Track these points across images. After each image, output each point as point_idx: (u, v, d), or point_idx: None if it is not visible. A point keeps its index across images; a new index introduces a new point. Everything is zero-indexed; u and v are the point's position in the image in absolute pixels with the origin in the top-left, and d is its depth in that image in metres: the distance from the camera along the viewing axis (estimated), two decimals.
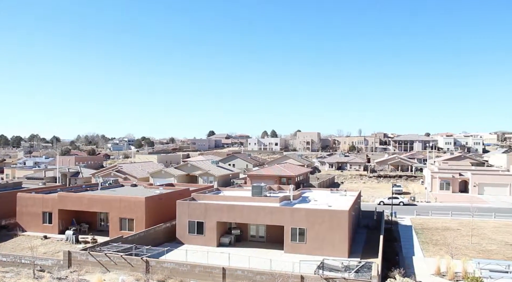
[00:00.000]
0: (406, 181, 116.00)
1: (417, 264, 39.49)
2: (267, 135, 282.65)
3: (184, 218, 44.97)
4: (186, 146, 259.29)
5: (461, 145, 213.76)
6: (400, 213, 65.17)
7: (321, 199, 51.25)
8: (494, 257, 41.57)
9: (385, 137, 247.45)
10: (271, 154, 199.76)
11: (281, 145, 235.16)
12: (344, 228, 39.95)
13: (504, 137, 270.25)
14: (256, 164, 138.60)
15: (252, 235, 46.75)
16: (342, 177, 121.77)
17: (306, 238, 40.90)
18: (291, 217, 41.60)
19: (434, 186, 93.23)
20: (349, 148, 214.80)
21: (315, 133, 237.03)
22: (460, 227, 55.60)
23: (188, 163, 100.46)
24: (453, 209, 67.62)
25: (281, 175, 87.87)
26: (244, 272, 32.21)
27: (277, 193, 54.28)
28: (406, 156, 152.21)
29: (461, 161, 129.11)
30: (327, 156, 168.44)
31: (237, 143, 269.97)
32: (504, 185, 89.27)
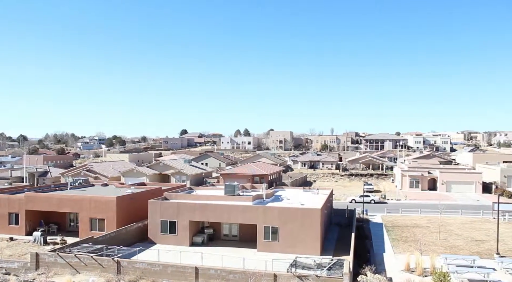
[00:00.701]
0: (377, 179, 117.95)
1: (387, 260, 40.20)
2: (240, 134, 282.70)
3: (156, 218, 44.48)
4: (158, 145, 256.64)
5: (430, 144, 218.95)
6: (371, 211, 66.20)
7: (294, 197, 51.54)
8: (461, 252, 42.74)
9: (356, 136, 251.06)
10: (244, 153, 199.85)
11: (254, 144, 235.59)
12: (316, 226, 40.29)
13: (470, 136, 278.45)
14: (229, 163, 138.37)
15: (225, 234, 46.65)
16: (315, 176, 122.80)
17: (279, 236, 41.06)
18: (264, 215, 41.69)
19: (404, 184, 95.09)
20: (321, 147, 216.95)
21: (288, 132, 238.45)
22: (429, 224, 56.90)
23: (160, 162, 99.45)
24: (422, 207, 69.10)
25: (254, 174, 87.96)
26: (217, 271, 32.10)
27: (250, 192, 54.30)
28: (377, 155, 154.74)
29: (430, 160, 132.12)
30: (299, 155, 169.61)
31: (210, 142, 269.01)
32: (470, 182, 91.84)
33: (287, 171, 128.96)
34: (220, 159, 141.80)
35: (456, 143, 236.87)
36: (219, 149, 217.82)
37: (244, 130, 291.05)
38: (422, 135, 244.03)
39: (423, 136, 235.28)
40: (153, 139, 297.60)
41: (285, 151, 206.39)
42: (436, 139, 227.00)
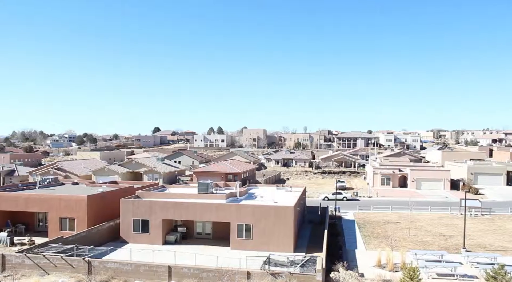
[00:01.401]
0: (349, 177, 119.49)
1: (359, 257, 40.82)
2: (213, 131, 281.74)
3: (128, 216, 43.89)
4: (131, 142, 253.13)
5: (401, 142, 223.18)
6: (344, 208, 67.05)
7: (267, 195, 51.71)
8: (430, 247, 43.82)
9: (329, 134, 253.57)
10: (218, 151, 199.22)
11: (228, 141, 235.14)
12: (289, 223, 40.54)
13: (439, 134, 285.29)
14: (202, 161, 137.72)
15: (199, 232, 46.45)
16: (288, 174, 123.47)
17: (252, 234, 41.14)
18: (237, 213, 41.69)
19: (375, 181, 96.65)
20: (294, 144, 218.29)
21: (261, 130, 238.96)
22: (400, 220, 58.05)
23: (132, 160, 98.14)
24: (393, 203, 70.42)
25: (227, 172, 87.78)
26: (191, 269, 31.95)
27: (223, 190, 54.19)
28: (350, 153, 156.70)
29: (400, 157, 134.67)
30: (273, 152, 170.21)
31: (183, 140, 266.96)
32: (439, 179, 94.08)
33: (260, 169, 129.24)
34: (194, 157, 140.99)
35: (426, 141, 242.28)
36: (192, 147, 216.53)
37: (217, 128, 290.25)
38: (393, 133, 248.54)
39: (394, 134, 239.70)
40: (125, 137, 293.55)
41: (259, 149, 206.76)
42: (406, 137, 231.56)
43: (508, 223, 57.12)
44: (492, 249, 43.51)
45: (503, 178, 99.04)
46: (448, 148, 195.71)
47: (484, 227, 54.74)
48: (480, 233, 51.23)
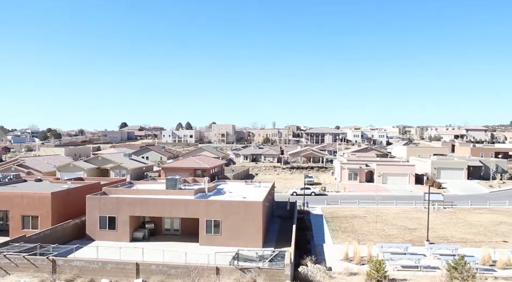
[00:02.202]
0: (317, 172, 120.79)
1: (327, 250, 41.41)
2: (182, 127, 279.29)
3: (94, 213, 43.05)
4: (97, 138, 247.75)
5: (368, 137, 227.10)
6: (312, 203, 67.81)
7: (236, 191, 51.73)
8: (395, 240, 44.89)
9: (298, 130, 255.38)
10: (186, 147, 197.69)
11: (196, 137, 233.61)
12: (258, 219, 40.69)
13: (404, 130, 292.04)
14: (170, 157, 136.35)
15: (167, 228, 46.03)
16: (257, 169, 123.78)
17: (221, 229, 41.09)
18: (206, 209, 41.54)
19: (343, 176, 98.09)
20: (263, 140, 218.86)
21: (230, 125, 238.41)
22: (366, 214, 59.18)
23: (99, 156, 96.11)
24: (360, 198, 71.71)
25: (196, 168, 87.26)
26: (159, 266, 31.65)
27: (192, 185, 53.89)
28: (318, 148, 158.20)
29: (367, 153, 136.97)
30: (242, 148, 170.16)
31: (151, 135, 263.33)
32: (404, 174, 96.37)
33: (229, 164, 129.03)
34: (162, 153, 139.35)
35: (392, 137, 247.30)
36: (160, 142, 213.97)
37: (186, 123, 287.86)
38: (361, 129, 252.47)
39: (361, 130, 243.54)
40: (91, 132, 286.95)
41: (227, 145, 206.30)
42: (373, 133, 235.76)
43: (468, 216, 59.14)
44: (453, 241, 45.00)
45: (464, 173, 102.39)
46: (413, 143, 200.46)
47: (446, 220, 56.49)
48: (443, 225, 52.85)
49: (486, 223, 54.41)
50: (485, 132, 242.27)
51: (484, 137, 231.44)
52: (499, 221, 55.79)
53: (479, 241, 45.27)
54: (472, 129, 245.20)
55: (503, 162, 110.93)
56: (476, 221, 55.62)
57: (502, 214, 60.69)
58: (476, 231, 50.00)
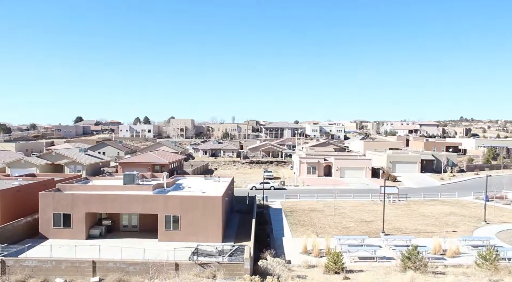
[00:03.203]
0: (276, 166, 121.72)
1: (286, 244, 41.84)
2: (139, 121, 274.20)
3: (48, 211, 41.60)
4: (50, 133, 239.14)
5: (326, 132, 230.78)
6: (271, 197, 68.29)
7: (195, 186, 51.38)
8: (352, 233, 45.94)
9: (257, 125, 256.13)
10: (144, 141, 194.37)
11: (155, 132, 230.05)
12: (217, 213, 40.59)
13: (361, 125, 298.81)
14: (128, 152, 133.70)
15: (125, 225, 45.13)
16: (216, 164, 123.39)
17: (180, 225, 40.72)
18: (165, 204, 41.03)
19: (302, 170, 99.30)
20: (223, 135, 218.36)
21: (189, 120, 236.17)
22: (325, 208, 60.19)
23: (52, 151, 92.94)
24: (319, 192, 72.84)
25: (154, 163, 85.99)
26: (116, 263, 31.02)
27: (150, 181, 53.09)
28: (277, 143, 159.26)
29: (325, 147, 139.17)
30: (201, 143, 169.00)
31: (107, 130, 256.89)
32: (361, 168, 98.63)
33: (188, 159, 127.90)
34: (119, 148, 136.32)
35: (350, 132, 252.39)
36: (117, 137, 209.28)
37: (144, 117, 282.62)
38: (319, 123, 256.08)
39: (319, 124, 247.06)
40: (44, 126, 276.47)
41: (187, 139, 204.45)
42: (331, 127, 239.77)
43: (421, 208, 61.30)
44: (407, 232, 46.52)
45: (418, 166, 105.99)
46: (370, 138, 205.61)
47: (401, 212, 58.31)
48: (398, 217, 54.53)
49: (438, 214, 56.60)
50: (437, 127, 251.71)
51: (436, 132, 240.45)
52: (449, 212, 58.17)
53: (431, 231, 47.04)
54: (425, 124, 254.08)
55: (453, 156, 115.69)
56: (429, 213, 57.75)
57: (452, 206, 63.31)
58: (428, 222, 51.92)
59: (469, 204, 64.74)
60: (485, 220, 52.00)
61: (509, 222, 52.56)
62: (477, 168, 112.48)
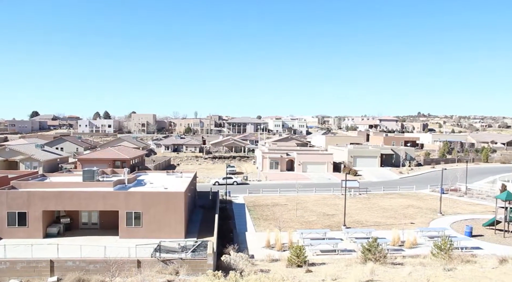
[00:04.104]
0: (239, 161, 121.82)
1: (249, 238, 42.00)
2: (99, 116, 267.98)
3: (1, 210, 39.92)
4: (3, 128, 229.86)
5: (289, 127, 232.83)
6: (234, 192, 68.29)
7: (157, 181, 50.70)
8: (314, 226, 46.60)
9: (220, 120, 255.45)
10: (104, 137, 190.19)
11: (115, 127, 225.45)
12: (180, 209, 40.20)
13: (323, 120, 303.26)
14: (87, 147, 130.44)
15: (84, 222, 43.97)
16: (178, 159, 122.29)
17: (142, 221, 40.06)
18: (126, 201, 40.23)
19: (264, 165, 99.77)
20: (185, 130, 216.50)
21: (150, 115, 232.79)
22: (287, 202, 60.74)
23: (6, 147, 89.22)
24: (281, 186, 73.42)
25: (115, 159, 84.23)
26: (76, 262, 30.22)
27: (110, 177, 51.97)
28: (240, 138, 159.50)
29: (288, 142, 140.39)
30: (163, 138, 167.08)
31: (65, 125, 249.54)
32: (323, 163, 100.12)
33: (150, 155, 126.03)
34: (78, 144, 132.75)
35: (312, 127, 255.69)
36: (76, 132, 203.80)
37: (104, 112, 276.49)
38: (282, 119, 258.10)
39: (282, 119, 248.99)
40: None
41: (148, 135, 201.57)
42: (294, 123, 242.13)
43: (381, 201, 62.90)
44: (368, 225, 47.64)
45: (378, 160, 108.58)
46: (331, 133, 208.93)
47: (361, 205, 59.62)
48: (358, 211, 55.73)
49: (397, 207, 58.24)
50: (396, 122, 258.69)
51: (395, 127, 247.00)
52: (407, 205, 59.96)
53: (390, 224, 48.35)
54: (385, 119, 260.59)
55: (411, 150, 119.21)
56: (388, 205, 59.33)
57: (410, 198, 65.31)
58: (388, 215, 53.34)
59: (426, 197, 66.96)
60: (441, 212, 53.92)
61: (463, 213, 54.75)
62: (433, 162, 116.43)
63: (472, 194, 69.21)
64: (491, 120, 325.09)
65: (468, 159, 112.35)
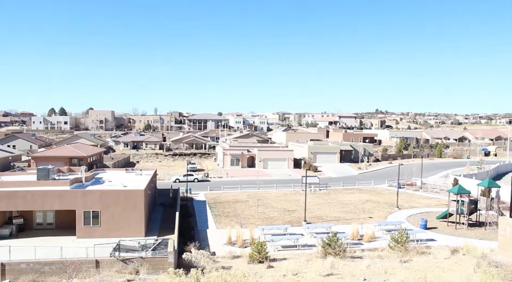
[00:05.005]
0: (200, 158, 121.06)
1: (211, 236, 41.83)
2: (55, 113, 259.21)
3: None
4: None
5: (250, 124, 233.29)
6: (195, 189, 67.80)
7: (116, 179, 49.64)
8: (275, 222, 46.92)
9: (180, 116, 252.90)
10: (60, 134, 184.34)
11: (72, 124, 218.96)
12: (140, 207, 39.53)
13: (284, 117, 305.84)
14: (42, 145, 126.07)
15: (39, 222, 42.44)
16: (138, 156, 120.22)
17: (100, 220, 39.10)
18: (83, 200, 39.15)
19: (225, 162, 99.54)
20: (145, 127, 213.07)
21: (109, 111, 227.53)
22: (248, 198, 60.87)
23: None
24: (242, 183, 73.49)
25: (71, 156, 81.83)
26: (30, 264, 29.12)
27: (67, 175, 50.50)
28: (201, 135, 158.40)
29: (249, 139, 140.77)
30: (122, 135, 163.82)
31: (18, 122, 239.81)
32: (283, 159, 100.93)
33: (108, 152, 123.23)
34: (32, 141, 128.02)
35: (272, 123, 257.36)
36: (29, 129, 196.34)
37: (59, 108, 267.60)
38: (242, 115, 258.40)
39: (243, 116, 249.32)
40: None
41: (106, 132, 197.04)
42: (254, 119, 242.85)
43: (340, 196, 64.09)
44: (328, 220, 48.42)
45: (337, 156, 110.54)
46: (292, 129, 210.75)
47: (321, 200, 60.53)
48: (319, 206, 56.56)
49: (356, 202, 59.51)
50: (355, 119, 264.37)
51: (354, 123, 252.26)
52: (366, 199, 61.39)
53: (349, 218, 49.35)
54: (344, 116, 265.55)
55: (369, 146, 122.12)
56: (347, 200, 60.52)
57: (369, 193, 66.89)
58: (347, 210, 54.42)
59: (384, 191, 68.78)
60: (398, 206, 55.51)
61: (418, 207, 56.62)
62: (390, 158, 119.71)
63: (427, 188, 71.68)
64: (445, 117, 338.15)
65: (423, 154, 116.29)
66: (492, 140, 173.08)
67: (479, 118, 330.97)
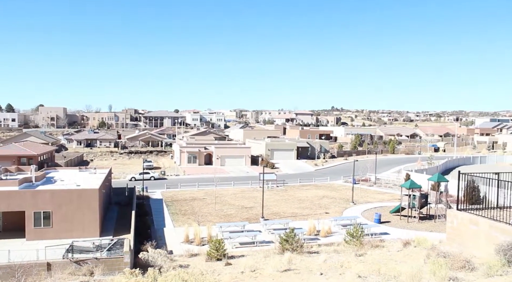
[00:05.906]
0: (156, 156, 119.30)
1: (168, 234, 41.30)
2: (1, 109, 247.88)
3: None
4: None
5: (207, 121, 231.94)
6: (152, 187, 66.73)
7: (69, 178, 48.12)
8: (233, 220, 46.92)
9: (136, 113, 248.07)
10: (8, 132, 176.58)
11: (20, 121, 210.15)
12: (94, 207, 38.49)
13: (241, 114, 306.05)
14: None
15: None
16: (92, 155, 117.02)
17: (52, 221, 37.75)
18: (33, 200, 37.66)
19: (182, 160, 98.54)
20: (99, 124, 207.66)
21: (60, 108, 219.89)
22: (206, 196, 60.53)
23: None
24: (200, 181, 72.97)
25: (20, 155, 78.60)
26: None
27: (15, 175, 48.51)
28: (157, 132, 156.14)
29: (206, 136, 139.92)
30: (74, 133, 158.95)
31: None
32: (241, 156, 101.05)
33: (60, 150, 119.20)
34: None
35: (230, 120, 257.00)
36: None
37: (6, 105, 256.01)
38: (199, 112, 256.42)
39: (200, 113, 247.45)
40: None
41: (58, 129, 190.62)
42: (212, 116, 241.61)
43: (298, 192, 64.87)
44: (285, 216, 48.89)
45: (294, 153, 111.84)
46: (249, 126, 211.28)
47: (279, 197, 61.05)
48: (276, 202, 56.99)
49: (312, 198, 60.41)
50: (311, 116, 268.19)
51: (311, 120, 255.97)
52: (322, 195, 62.45)
53: (306, 214, 50.04)
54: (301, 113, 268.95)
55: (325, 143, 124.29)
56: (304, 197, 61.34)
57: (325, 189, 68.08)
58: (304, 206, 55.16)
59: (339, 187, 70.20)
60: (353, 201, 56.80)
61: (372, 201, 58.15)
62: (346, 154, 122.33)
63: (381, 183, 73.79)
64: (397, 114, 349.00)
65: (377, 151, 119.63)
66: (441, 136, 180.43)
67: (429, 115, 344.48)
